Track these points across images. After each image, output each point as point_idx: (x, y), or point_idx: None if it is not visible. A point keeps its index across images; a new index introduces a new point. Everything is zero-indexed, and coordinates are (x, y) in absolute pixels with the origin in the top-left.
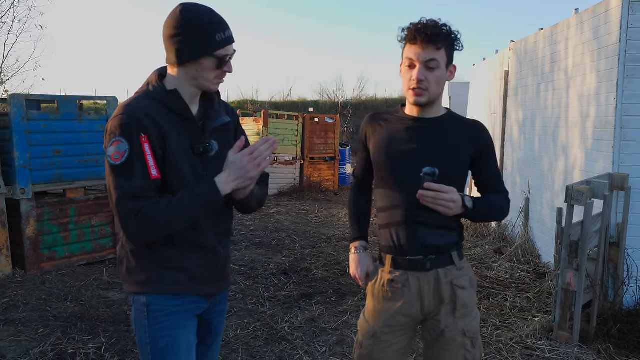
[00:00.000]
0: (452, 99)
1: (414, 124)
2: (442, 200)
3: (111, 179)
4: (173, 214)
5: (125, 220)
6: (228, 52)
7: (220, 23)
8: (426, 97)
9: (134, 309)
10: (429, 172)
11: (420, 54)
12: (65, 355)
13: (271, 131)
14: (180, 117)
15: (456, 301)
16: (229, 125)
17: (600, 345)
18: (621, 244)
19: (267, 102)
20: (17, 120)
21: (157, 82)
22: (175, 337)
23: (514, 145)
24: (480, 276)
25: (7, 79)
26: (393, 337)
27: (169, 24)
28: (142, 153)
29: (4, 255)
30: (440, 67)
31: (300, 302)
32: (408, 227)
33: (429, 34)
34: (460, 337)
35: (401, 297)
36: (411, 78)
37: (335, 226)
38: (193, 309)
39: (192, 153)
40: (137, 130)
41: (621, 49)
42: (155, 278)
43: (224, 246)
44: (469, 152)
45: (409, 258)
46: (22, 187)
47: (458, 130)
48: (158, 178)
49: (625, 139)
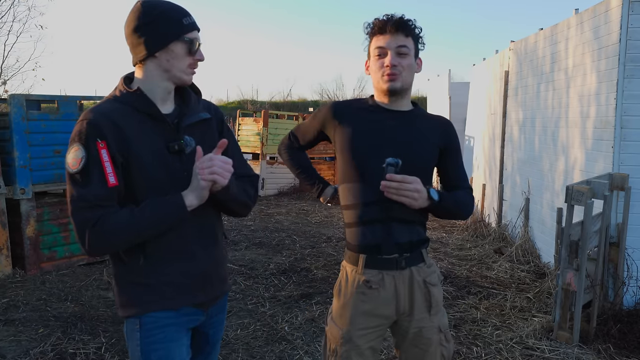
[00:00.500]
0: (452, 99)
1: (384, 115)
2: (406, 190)
3: (68, 188)
4: (133, 226)
5: (81, 230)
6: (196, 37)
7: (181, 8)
8: (400, 83)
9: (127, 322)
10: (392, 162)
11: (390, 41)
12: (65, 355)
13: (271, 131)
14: (150, 116)
15: (430, 299)
16: (209, 123)
17: (600, 345)
18: (621, 244)
19: (267, 102)
20: (17, 120)
21: (123, 86)
22: (169, 350)
23: (514, 145)
24: (480, 276)
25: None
26: (368, 340)
27: (131, 19)
28: (99, 160)
29: (4, 255)
30: (410, 54)
31: (300, 302)
32: (383, 224)
33: (398, 22)
34: (437, 335)
35: (376, 298)
36: (384, 64)
37: (335, 226)
38: (187, 321)
39: (167, 153)
40: (93, 137)
41: (621, 49)
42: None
43: (209, 252)
44: (438, 146)
45: (384, 257)
46: (22, 187)
47: (427, 125)
48: (116, 185)
49: (625, 139)
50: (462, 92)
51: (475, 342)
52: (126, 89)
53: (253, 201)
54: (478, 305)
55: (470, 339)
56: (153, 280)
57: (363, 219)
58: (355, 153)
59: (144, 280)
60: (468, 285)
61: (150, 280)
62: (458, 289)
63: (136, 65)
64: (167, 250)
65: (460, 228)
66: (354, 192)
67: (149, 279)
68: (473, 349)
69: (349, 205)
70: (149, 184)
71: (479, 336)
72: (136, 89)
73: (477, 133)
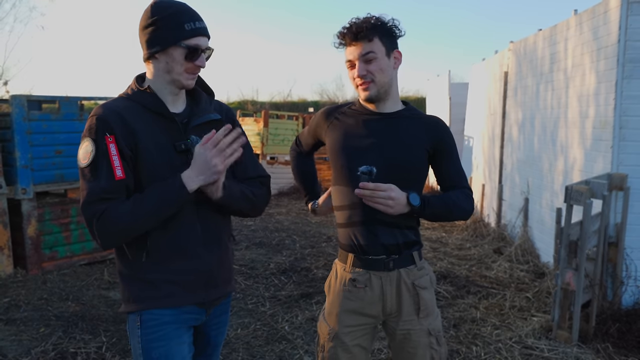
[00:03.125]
0: (452, 99)
1: (370, 117)
2: (379, 198)
3: (80, 182)
4: (138, 212)
5: (89, 223)
6: (199, 44)
7: (190, 13)
8: (375, 89)
9: (129, 319)
10: (365, 170)
11: (353, 51)
12: (67, 355)
13: (271, 131)
14: (159, 115)
15: (419, 302)
16: (219, 124)
17: (599, 345)
18: (620, 243)
19: (267, 102)
20: (18, 121)
21: (135, 84)
22: (169, 347)
23: (513, 145)
24: (479, 276)
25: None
26: (354, 337)
27: (142, 18)
28: (107, 153)
29: (6, 255)
30: (378, 57)
31: (300, 302)
32: (367, 226)
33: (355, 31)
34: (426, 337)
35: (363, 297)
36: (354, 77)
37: (335, 226)
38: (187, 319)
39: (174, 151)
40: (102, 131)
41: (620, 50)
42: (140, 295)
43: (213, 253)
44: (425, 148)
45: (371, 257)
46: (24, 187)
47: (414, 126)
48: (122, 179)
49: (624, 139)
50: (462, 92)
51: (474, 341)
52: (137, 87)
53: (262, 200)
54: (477, 305)
55: (470, 339)
56: (154, 277)
57: (350, 220)
58: (341, 157)
59: (145, 276)
60: (467, 284)
61: (151, 276)
62: (457, 288)
63: (145, 63)
64: (170, 249)
65: (460, 228)
66: (341, 194)
67: (150, 276)
68: (472, 348)
69: (338, 207)
70: (154, 179)
71: (479, 336)
72: (147, 87)
73: (476, 133)
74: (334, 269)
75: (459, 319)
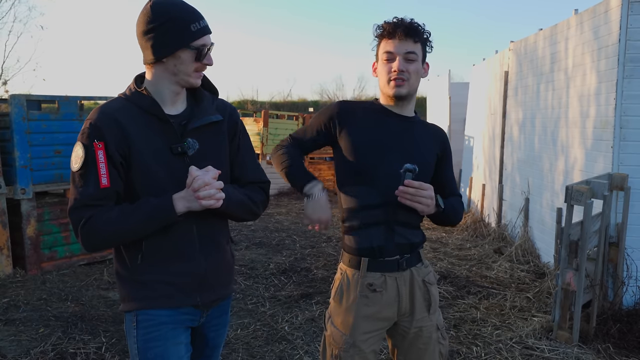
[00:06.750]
0: (452, 99)
1: (391, 118)
2: (422, 197)
3: (70, 185)
4: (122, 224)
5: (75, 228)
6: (205, 43)
7: (193, 13)
8: (406, 89)
9: (126, 319)
10: (410, 168)
11: (399, 46)
12: (66, 355)
13: (271, 131)
14: (156, 117)
15: (430, 298)
16: (219, 125)
17: (599, 345)
18: (621, 243)
19: (267, 102)
20: (17, 121)
21: (133, 85)
22: (165, 348)
23: (513, 145)
24: (480, 276)
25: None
26: (370, 343)
27: (141, 21)
28: (95, 161)
29: (5, 255)
30: (418, 60)
31: (300, 302)
32: (387, 227)
33: (408, 28)
34: (435, 333)
35: (379, 300)
36: (391, 69)
37: (336, 226)
38: (185, 320)
39: (170, 154)
40: (92, 138)
41: (621, 49)
42: (136, 295)
43: (209, 256)
44: (436, 153)
45: (386, 259)
46: (23, 187)
47: (426, 132)
48: (107, 187)
49: (625, 139)
50: (462, 92)
51: (475, 341)
52: (135, 88)
53: (261, 207)
54: (478, 305)
55: (470, 339)
56: (149, 278)
57: (367, 222)
58: (361, 156)
59: (140, 277)
60: (468, 285)
61: (146, 278)
62: (458, 288)
63: (146, 65)
64: (165, 251)
65: (460, 228)
66: (356, 195)
67: (146, 277)
68: (473, 348)
69: (355, 208)
70: (149, 182)
71: (479, 336)
72: (142, 89)
73: (476, 133)
74: (342, 276)
75: (460, 319)
